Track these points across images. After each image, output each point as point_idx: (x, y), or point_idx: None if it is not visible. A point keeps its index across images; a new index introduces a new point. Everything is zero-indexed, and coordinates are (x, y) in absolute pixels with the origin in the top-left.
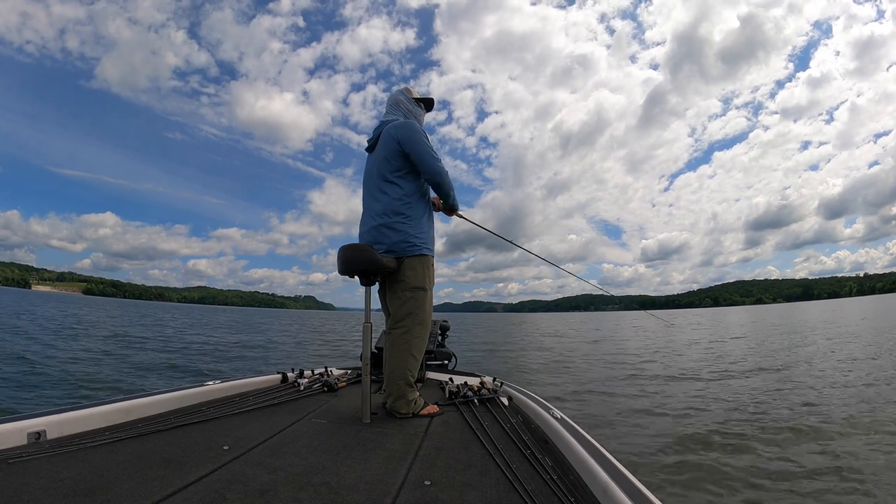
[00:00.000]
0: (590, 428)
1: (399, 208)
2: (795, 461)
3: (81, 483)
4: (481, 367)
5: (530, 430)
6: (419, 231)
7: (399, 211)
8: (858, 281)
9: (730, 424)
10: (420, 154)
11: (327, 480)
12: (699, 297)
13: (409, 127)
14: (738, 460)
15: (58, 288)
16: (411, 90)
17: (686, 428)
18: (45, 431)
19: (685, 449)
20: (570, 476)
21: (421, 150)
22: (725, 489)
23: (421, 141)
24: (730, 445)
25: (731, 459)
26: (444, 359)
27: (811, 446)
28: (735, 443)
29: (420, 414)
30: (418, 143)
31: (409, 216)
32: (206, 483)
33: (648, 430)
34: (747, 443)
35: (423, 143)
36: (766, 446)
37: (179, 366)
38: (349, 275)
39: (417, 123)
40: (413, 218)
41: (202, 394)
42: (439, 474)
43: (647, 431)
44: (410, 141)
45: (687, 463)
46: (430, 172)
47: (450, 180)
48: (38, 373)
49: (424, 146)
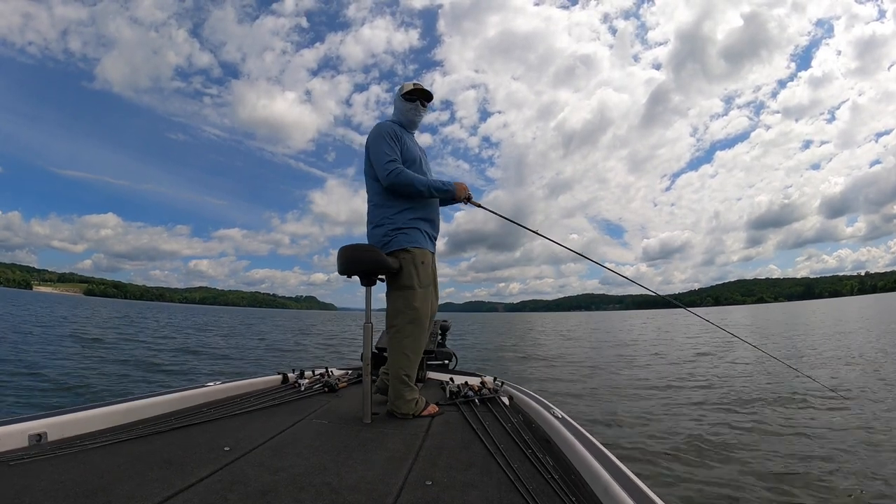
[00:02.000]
0: (591, 427)
1: (377, 210)
2: (796, 462)
3: (82, 485)
4: (482, 367)
5: (531, 430)
6: (394, 228)
7: (377, 213)
8: (860, 280)
9: (733, 424)
10: (375, 159)
11: (328, 481)
12: (700, 297)
13: (374, 130)
14: (741, 460)
15: (59, 289)
16: (405, 85)
17: (688, 428)
18: (45, 433)
19: (688, 448)
20: (572, 475)
21: (375, 154)
22: (729, 488)
23: (378, 145)
24: (733, 445)
25: (734, 459)
26: (445, 359)
27: (818, 446)
28: (738, 443)
29: (421, 414)
30: (376, 146)
31: (386, 216)
32: (208, 484)
33: (650, 429)
34: (749, 443)
35: (378, 146)
36: (770, 446)
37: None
38: (349, 275)
39: (386, 125)
40: (389, 217)
41: (203, 395)
42: (440, 474)
43: (648, 430)
44: (371, 145)
45: (689, 462)
46: (383, 180)
47: (410, 179)
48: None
49: (378, 150)
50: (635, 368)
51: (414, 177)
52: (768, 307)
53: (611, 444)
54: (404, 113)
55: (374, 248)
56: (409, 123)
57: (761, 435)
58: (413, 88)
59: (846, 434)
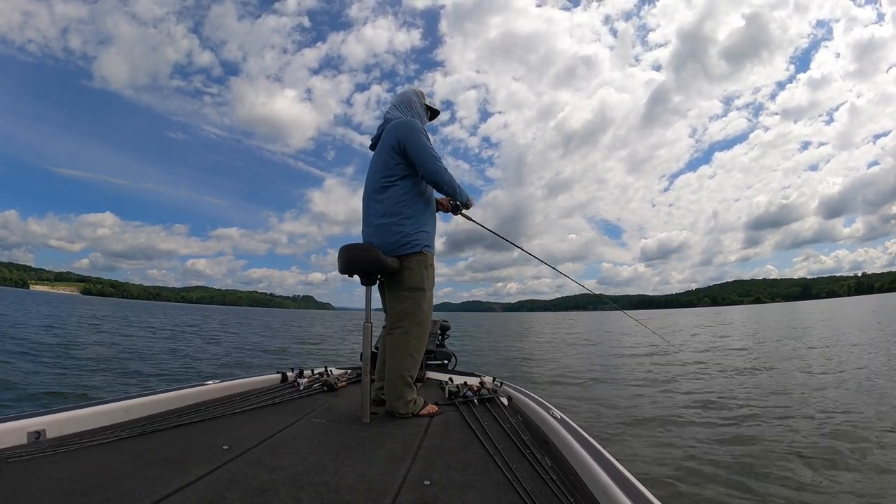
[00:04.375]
0: (589, 428)
1: (398, 208)
2: (798, 462)
3: (81, 482)
4: (481, 368)
5: (530, 431)
6: (417, 229)
7: (398, 211)
8: (857, 280)
9: (732, 425)
10: (419, 152)
11: (327, 480)
12: (697, 297)
13: (409, 125)
14: (740, 461)
15: (56, 288)
16: (425, 95)
17: (686, 428)
18: (44, 430)
19: (685, 449)
20: (570, 476)
21: (420, 148)
22: (726, 489)
23: (421, 139)
24: (732, 446)
25: (732, 460)
26: (444, 359)
27: (816, 448)
28: (738, 443)
29: (420, 414)
30: (418, 140)
31: (408, 215)
32: (206, 482)
33: (648, 430)
34: (750, 443)
35: (423, 141)
36: (769, 447)
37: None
38: (350, 274)
39: (418, 123)
40: (411, 217)
41: (202, 393)
42: (439, 474)
43: (647, 432)
44: (410, 138)
45: (687, 463)
46: (429, 172)
47: (451, 178)
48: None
49: (424, 144)
50: (634, 369)
51: (451, 176)
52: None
53: (609, 445)
54: (422, 118)
55: (373, 248)
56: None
57: (763, 436)
58: (431, 107)
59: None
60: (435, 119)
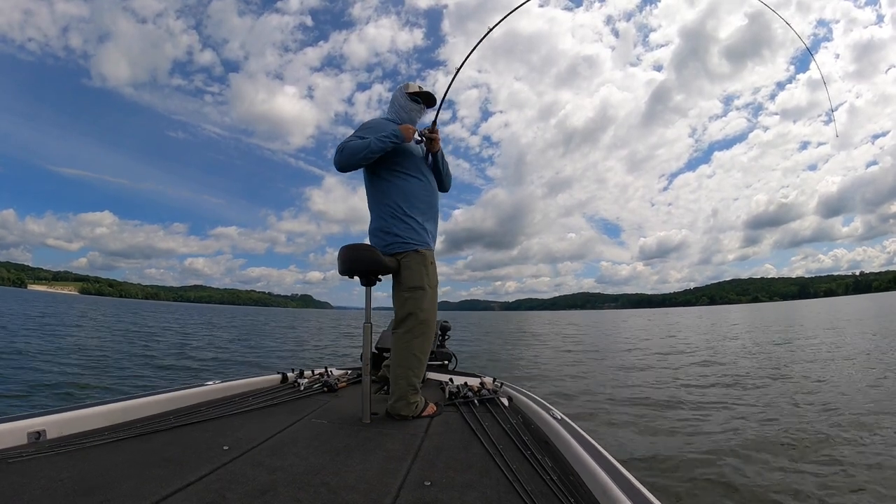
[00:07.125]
0: (590, 429)
1: (388, 208)
2: (798, 464)
3: (81, 483)
4: (480, 368)
5: (530, 431)
6: (409, 227)
7: (389, 210)
8: (854, 279)
9: (732, 426)
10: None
11: (327, 481)
12: (695, 296)
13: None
14: (740, 462)
15: (54, 287)
16: (410, 84)
17: (687, 429)
18: (44, 431)
19: (686, 450)
20: (570, 476)
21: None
22: (726, 491)
23: (348, 142)
24: (732, 447)
25: (732, 461)
26: (444, 359)
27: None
28: (738, 445)
29: (420, 414)
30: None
31: (399, 214)
32: (206, 483)
33: (649, 430)
34: (749, 444)
35: (348, 143)
36: (769, 448)
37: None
38: (349, 275)
39: (373, 120)
40: (403, 215)
41: (202, 394)
42: (439, 475)
43: (647, 432)
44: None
45: (687, 464)
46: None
47: (350, 146)
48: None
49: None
50: (634, 369)
51: (353, 144)
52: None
53: (610, 446)
54: (406, 111)
55: (373, 249)
56: (408, 121)
57: (763, 437)
58: (419, 91)
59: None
60: (432, 104)
